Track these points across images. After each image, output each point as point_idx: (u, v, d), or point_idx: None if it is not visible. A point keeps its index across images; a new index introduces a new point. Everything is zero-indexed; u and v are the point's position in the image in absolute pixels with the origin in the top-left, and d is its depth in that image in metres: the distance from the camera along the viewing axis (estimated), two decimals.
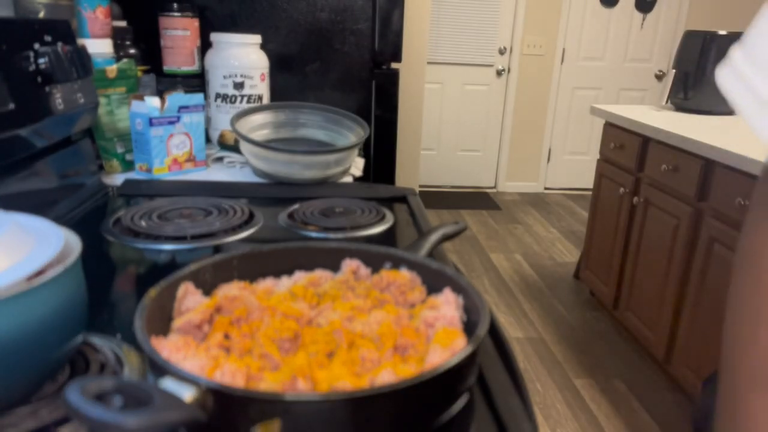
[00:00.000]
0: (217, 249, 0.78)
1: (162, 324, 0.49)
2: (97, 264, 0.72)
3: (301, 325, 0.49)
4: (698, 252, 1.86)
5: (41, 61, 0.79)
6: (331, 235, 0.84)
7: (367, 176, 1.26)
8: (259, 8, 1.38)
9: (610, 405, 2.04)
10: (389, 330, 0.47)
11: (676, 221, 1.99)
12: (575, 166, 4.57)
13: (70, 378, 0.46)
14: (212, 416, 0.37)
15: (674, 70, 2.49)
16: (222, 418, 0.37)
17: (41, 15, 0.99)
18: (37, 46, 0.79)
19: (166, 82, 1.31)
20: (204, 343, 0.47)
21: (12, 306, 0.37)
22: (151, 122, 1.03)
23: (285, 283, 0.58)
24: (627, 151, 2.32)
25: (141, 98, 1.04)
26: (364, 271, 0.59)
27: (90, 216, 0.90)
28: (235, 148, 1.20)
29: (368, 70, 1.45)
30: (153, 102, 1.03)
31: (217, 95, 1.27)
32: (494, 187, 4.59)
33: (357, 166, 1.22)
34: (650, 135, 2.13)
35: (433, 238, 0.67)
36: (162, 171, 1.07)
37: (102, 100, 1.04)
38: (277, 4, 1.39)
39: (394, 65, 1.52)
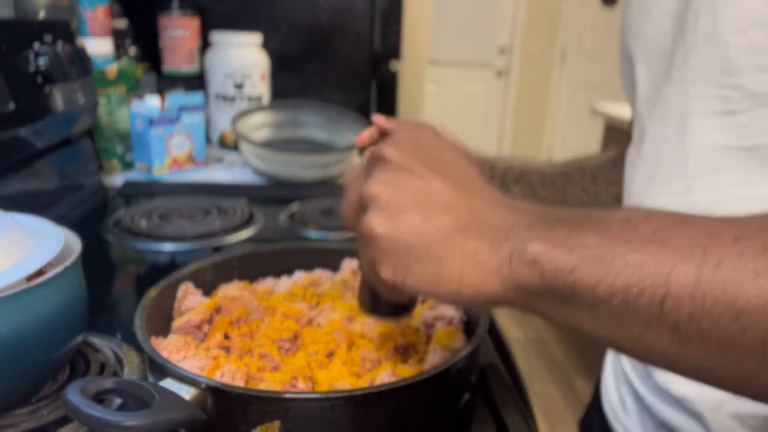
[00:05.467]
0: (217, 249, 0.78)
1: (162, 324, 0.49)
2: (97, 264, 0.72)
3: (301, 325, 0.49)
4: None
5: (41, 61, 0.79)
6: (331, 235, 0.84)
7: None
8: (259, 8, 1.38)
9: None
10: (389, 330, 0.47)
11: None
12: None
13: (70, 378, 0.46)
14: (212, 416, 0.37)
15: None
16: (222, 418, 0.37)
17: (41, 15, 0.99)
18: (37, 46, 0.79)
19: (166, 82, 1.31)
20: (204, 343, 0.47)
21: (12, 306, 0.37)
22: (151, 122, 1.03)
23: (285, 283, 0.58)
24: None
25: (141, 98, 1.04)
26: None
27: (90, 216, 0.90)
28: (235, 148, 1.20)
29: (368, 69, 1.45)
30: (153, 102, 1.03)
31: (217, 95, 1.27)
32: None
33: None
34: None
35: None
36: (162, 171, 1.07)
37: (102, 100, 1.04)
38: (277, 4, 1.38)
39: (394, 65, 1.52)
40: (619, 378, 0.56)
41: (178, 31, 1.29)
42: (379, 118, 0.63)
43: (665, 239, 0.24)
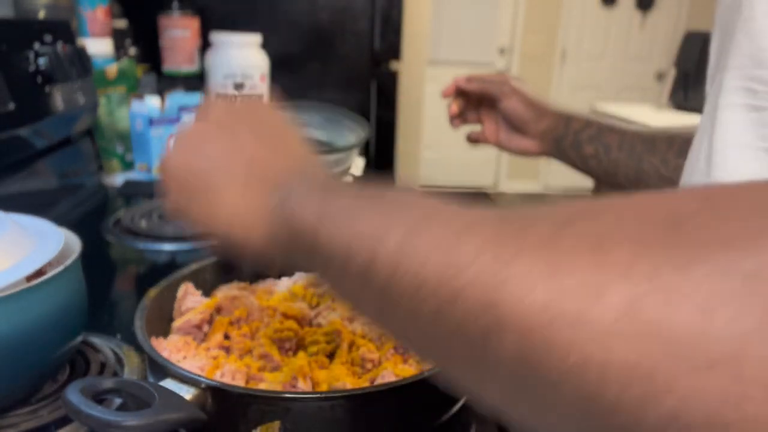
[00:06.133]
0: None
1: (162, 324, 0.49)
2: (97, 264, 0.72)
3: (301, 325, 0.49)
4: None
5: (41, 61, 0.79)
6: None
7: (368, 176, 1.26)
8: (259, 8, 1.38)
9: None
10: None
11: None
12: None
13: (70, 378, 0.46)
14: (212, 416, 0.37)
15: (674, 70, 2.49)
16: (222, 418, 0.37)
17: (41, 15, 0.99)
18: (37, 46, 0.79)
19: (166, 82, 1.31)
20: (204, 343, 0.47)
21: (12, 306, 0.37)
22: (151, 122, 1.03)
23: (285, 283, 0.58)
24: None
25: (141, 98, 1.04)
26: None
27: (90, 216, 0.90)
28: None
29: (368, 70, 1.45)
30: (153, 102, 1.03)
31: (217, 95, 1.27)
32: (495, 187, 4.59)
33: (357, 166, 1.22)
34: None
35: None
36: None
37: (102, 100, 1.04)
38: (277, 4, 1.38)
39: (394, 65, 1.52)
40: None
41: (178, 31, 1.29)
42: (459, 79, 0.73)
43: (396, 210, 0.24)
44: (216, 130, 0.35)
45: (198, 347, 0.46)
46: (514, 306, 0.17)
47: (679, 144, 0.62)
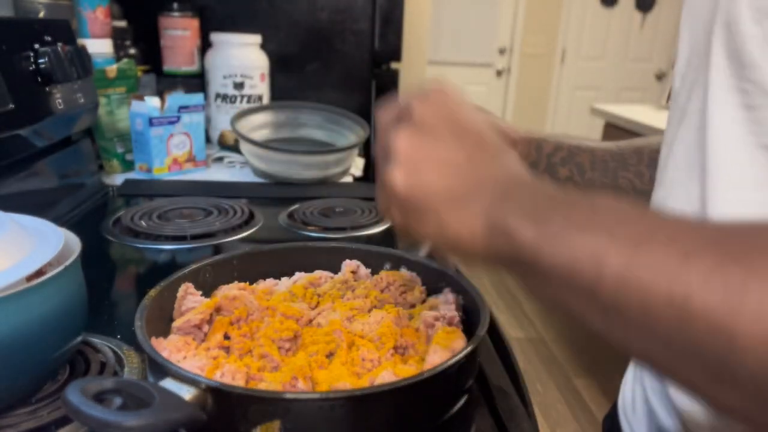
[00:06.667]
0: (217, 249, 0.78)
1: (162, 324, 0.49)
2: (97, 264, 0.72)
3: (301, 325, 0.49)
4: None
5: (41, 61, 0.79)
6: (331, 235, 0.84)
7: (367, 176, 1.26)
8: (259, 8, 1.38)
9: (610, 405, 2.03)
10: (389, 330, 0.47)
11: None
12: None
13: (70, 378, 0.46)
14: (212, 416, 0.37)
15: (674, 70, 2.49)
16: (222, 418, 0.37)
17: (41, 15, 0.99)
18: (37, 46, 0.79)
19: (166, 82, 1.31)
20: (204, 343, 0.47)
21: (12, 306, 0.37)
22: (151, 122, 1.03)
23: (285, 283, 0.58)
24: None
25: (141, 98, 1.04)
26: (364, 271, 0.59)
27: (90, 216, 0.90)
28: (235, 148, 1.20)
29: (368, 70, 1.45)
30: (153, 102, 1.03)
31: (217, 95, 1.27)
32: None
33: (357, 166, 1.22)
34: (650, 135, 2.13)
35: None
36: (162, 171, 1.07)
37: (102, 100, 1.04)
38: (277, 4, 1.38)
39: (394, 65, 1.52)
40: (636, 377, 0.56)
41: (178, 31, 1.29)
42: None
43: (615, 224, 0.26)
44: (426, 143, 0.37)
45: (198, 347, 0.46)
46: (751, 335, 0.20)
47: (648, 155, 0.63)
